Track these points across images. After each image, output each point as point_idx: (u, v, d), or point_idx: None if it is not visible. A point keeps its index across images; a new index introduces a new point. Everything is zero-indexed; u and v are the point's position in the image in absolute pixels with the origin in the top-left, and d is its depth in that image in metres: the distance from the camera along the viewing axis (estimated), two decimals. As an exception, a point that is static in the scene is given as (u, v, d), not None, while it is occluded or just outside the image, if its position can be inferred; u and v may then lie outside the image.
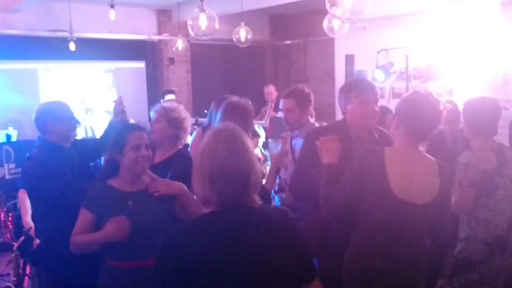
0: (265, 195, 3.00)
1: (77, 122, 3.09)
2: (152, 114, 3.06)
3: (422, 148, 2.25)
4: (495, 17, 3.74)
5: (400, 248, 2.15)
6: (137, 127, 2.51)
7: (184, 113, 3.06)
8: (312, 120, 3.51)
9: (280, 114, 3.83)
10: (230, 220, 1.61)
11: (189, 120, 3.08)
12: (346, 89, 2.68)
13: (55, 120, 2.92)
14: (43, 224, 3.01)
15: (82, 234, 2.39)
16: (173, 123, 2.96)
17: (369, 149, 2.26)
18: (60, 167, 2.84)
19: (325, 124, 3.69)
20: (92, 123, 7.21)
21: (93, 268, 2.47)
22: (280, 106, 3.43)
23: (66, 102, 3.13)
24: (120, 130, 2.50)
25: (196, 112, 7.72)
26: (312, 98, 3.40)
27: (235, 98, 3.04)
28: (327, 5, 2.86)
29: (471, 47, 5.44)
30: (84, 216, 2.41)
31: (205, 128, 3.49)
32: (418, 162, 2.21)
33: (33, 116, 2.96)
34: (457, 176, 2.72)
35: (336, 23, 4.61)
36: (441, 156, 2.34)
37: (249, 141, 1.69)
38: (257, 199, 1.67)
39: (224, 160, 1.60)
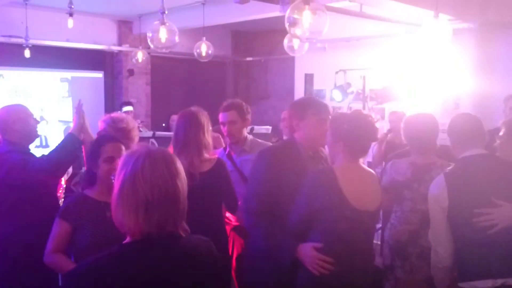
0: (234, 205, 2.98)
1: (37, 121, 3.09)
2: (99, 124, 3.02)
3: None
4: (447, 44, 3.89)
5: (356, 254, 2.35)
6: (112, 139, 2.47)
7: (132, 123, 3.05)
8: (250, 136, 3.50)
9: None
10: (159, 250, 1.45)
11: (136, 130, 3.06)
12: (302, 106, 2.65)
13: (17, 120, 2.92)
14: None
15: (62, 258, 2.28)
16: (119, 134, 2.90)
17: (319, 170, 2.46)
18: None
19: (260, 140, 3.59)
20: (47, 133, 6.99)
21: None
22: (222, 119, 3.34)
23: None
24: (96, 141, 2.50)
25: (155, 125, 7.63)
26: (249, 110, 3.40)
27: (194, 108, 3.04)
28: (287, 25, 2.90)
29: (425, 71, 5.65)
30: (60, 228, 2.31)
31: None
32: (364, 174, 2.44)
33: None
34: None
35: (296, 42, 4.69)
36: None
37: (180, 163, 1.55)
38: (186, 227, 1.55)
39: (167, 184, 1.45)
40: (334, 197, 2.30)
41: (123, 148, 2.44)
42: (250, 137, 3.43)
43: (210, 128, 3.04)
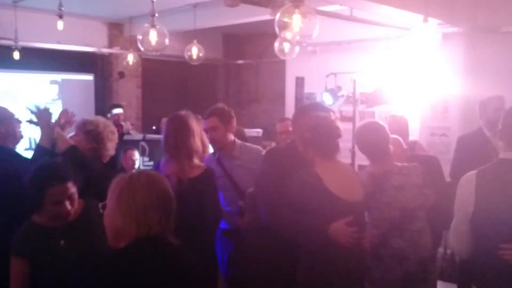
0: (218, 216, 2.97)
1: (20, 121, 3.02)
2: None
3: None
4: (436, 48, 3.92)
5: (357, 246, 2.45)
6: (58, 179, 2.13)
7: (107, 128, 3.00)
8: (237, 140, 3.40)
9: None
10: (150, 253, 1.59)
11: (111, 135, 3.02)
12: (308, 111, 2.71)
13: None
14: None
15: None
16: (90, 136, 2.89)
17: (304, 173, 2.51)
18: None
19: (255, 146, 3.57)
20: (36, 135, 6.92)
21: None
22: (204, 126, 3.30)
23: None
24: (38, 182, 2.11)
25: (145, 128, 7.60)
26: (233, 115, 3.32)
27: (183, 112, 3.04)
28: (277, 28, 2.90)
29: (415, 74, 5.69)
30: (18, 267, 2.08)
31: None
32: (344, 169, 2.61)
33: None
34: None
35: (286, 46, 4.69)
36: None
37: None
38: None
39: (164, 191, 1.65)
40: (322, 194, 2.42)
41: (71, 185, 2.16)
42: (238, 142, 3.36)
43: (200, 132, 3.04)
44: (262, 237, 2.75)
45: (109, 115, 6.99)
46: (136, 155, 5.09)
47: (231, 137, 3.31)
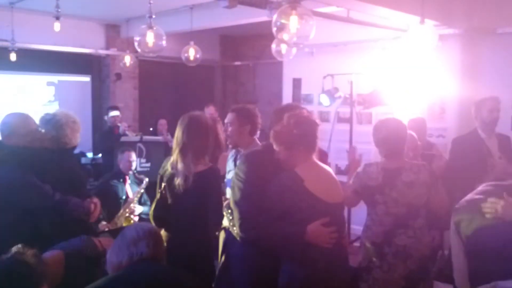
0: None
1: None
2: None
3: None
4: (433, 49, 3.93)
5: (335, 245, 2.43)
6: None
7: (63, 115, 3.21)
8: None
9: None
10: (146, 275, 1.94)
11: (70, 122, 3.21)
12: (287, 111, 2.68)
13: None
14: None
15: None
16: (49, 126, 3.15)
17: (284, 175, 2.46)
18: None
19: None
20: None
21: None
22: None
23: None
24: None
25: (142, 129, 7.59)
26: (255, 118, 3.35)
27: (197, 112, 3.13)
28: (274, 30, 2.91)
29: (411, 75, 5.70)
30: None
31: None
32: (323, 170, 2.57)
33: None
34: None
35: (283, 47, 4.70)
36: None
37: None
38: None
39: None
40: (302, 196, 2.40)
41: None
42: (258, 143, 3.31)
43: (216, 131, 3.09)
44: (245, 246, 2.64)
45: (106, 117, 6.98)
46: (133, 156, 5.07)
47: (247, 136, 3.31)
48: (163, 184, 3.04)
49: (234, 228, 2.65)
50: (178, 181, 2.93)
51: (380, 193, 2.89)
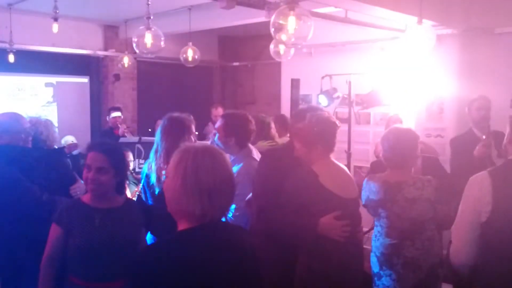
0: None
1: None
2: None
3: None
4: (431, 49, 3.94)
5: (349, 238, 2.46)
6: (96, 148, 2.46)
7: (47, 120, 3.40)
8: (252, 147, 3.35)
9: None
10: (212, 235, 1.62)
11: (47, 126, 3.34)
12: (307, 111, 2.69)
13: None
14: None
15: (47, 272, 2.36)
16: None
17: (300, 170, 2.53)
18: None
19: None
20: (30, 138, 6.90)
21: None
22: None
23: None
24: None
25: (141, 130, 7.59)
26: (243, 128, 3.23)
27: (175, 114, 3.13)
28: (272, 30, 2.91)
29: (410, 76, 5.71)
30: (54, 233, 2.39)
31: None
32: (339, 168, 2.60)
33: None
34: None
35: (282, 48, 4.70)
36: None
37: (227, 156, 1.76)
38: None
39: (225, 172, 1.65)
40: (317, 191, 2.44)
41: (104, 159, 2.42)
42: (242, 150, 3.23)
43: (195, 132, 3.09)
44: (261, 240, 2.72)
45: (108, 118, 6.98)
46: (130, 157, 5.08)
47: (233, 145, 3.21)
48: (140, 185, 3.09)
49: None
50: (153, 181, 2.99)
51: (382, 207, 2.86)
